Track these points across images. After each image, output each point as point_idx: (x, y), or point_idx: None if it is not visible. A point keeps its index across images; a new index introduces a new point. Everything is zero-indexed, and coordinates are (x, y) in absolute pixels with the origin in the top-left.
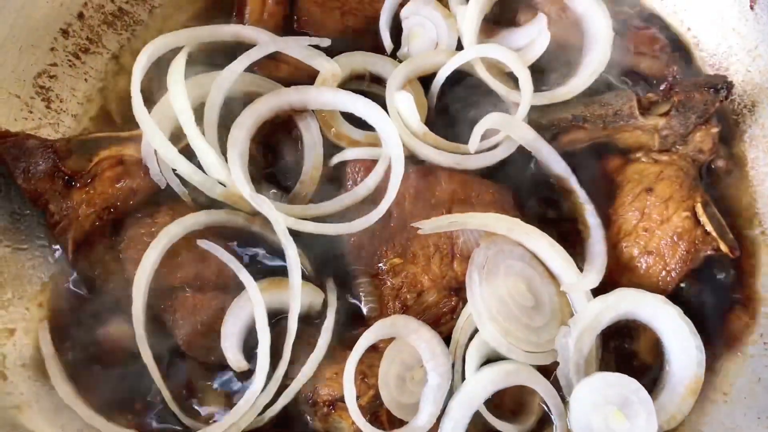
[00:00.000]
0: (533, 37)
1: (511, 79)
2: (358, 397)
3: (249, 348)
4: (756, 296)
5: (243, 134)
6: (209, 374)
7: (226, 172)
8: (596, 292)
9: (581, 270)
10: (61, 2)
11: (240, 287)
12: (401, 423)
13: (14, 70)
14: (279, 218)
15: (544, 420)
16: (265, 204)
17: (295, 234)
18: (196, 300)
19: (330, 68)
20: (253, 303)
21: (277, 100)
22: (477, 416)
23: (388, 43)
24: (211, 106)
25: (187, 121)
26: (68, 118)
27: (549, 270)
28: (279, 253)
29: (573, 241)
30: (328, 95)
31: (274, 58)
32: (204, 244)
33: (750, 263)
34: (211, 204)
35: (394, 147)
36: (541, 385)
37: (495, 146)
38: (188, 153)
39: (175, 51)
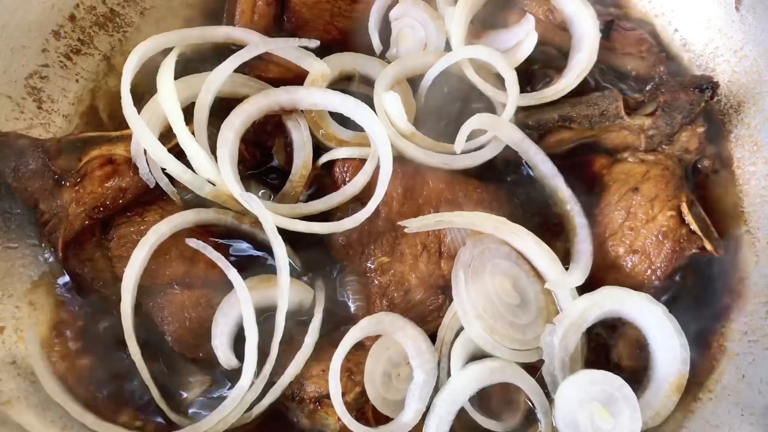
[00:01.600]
0: (521, 38)
1: (500, 80)
2: (344, 394)
3: (238, 345)
4: (740, 294)
5: (232, 134)
6: (197, 371)
7: (216, 172)
8: (582, 290)
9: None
10: (53, 4)
11: (229, 285)
12: (387, 419)
13: (6, 70)
14: (268, 217)
15: (530, 417)
16: (254, 203)
17: (285, 232)
18: (185, 297)
19: (320, 68)
20: (240, 301)
21: (266, 100)
22: (463, 413)
23: (377, 44)
24: (200, 107)
25: (176, 121)
26: (59, 118)
27: (535, 268)
28: (268, 251)
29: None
30: (317, 95)
31: (264, 58)
32: (192, 242)
33: (734, 262)
34: (200, 203)
35: (382, 146)
36: (526, 383)
37: (482, 146)
38: (178, 152)
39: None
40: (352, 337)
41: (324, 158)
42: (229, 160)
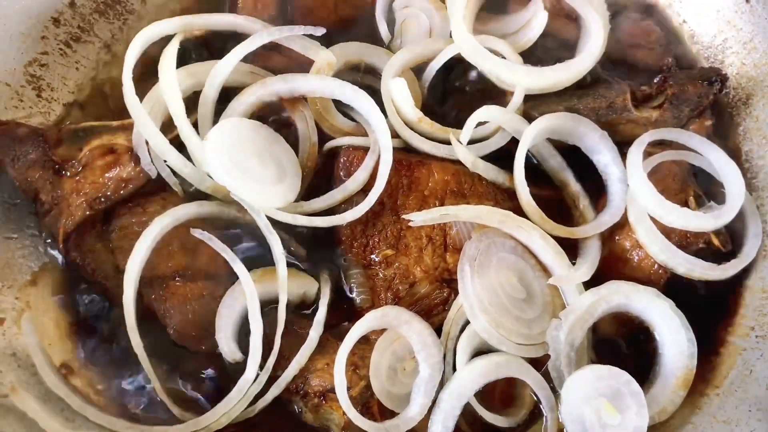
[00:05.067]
0: (528, 19)
1: None
2: (349, 388)
3: (242, 338)
4: (747, 289)
5: None
6: (200, 364)
7: None
8: (589, 284)
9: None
10: None
11: (231, 276)
12: (392, 414)
13: (5, 58)
14: (261, 212)
15: (536, 412)
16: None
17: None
18: (187, 289)
19: (325, 57)
20: (246, 293)
21: (263, 90)
22: (468, 408)
23: (385, 33)
24: (205, 101)
25: (177, 112)
26: (59, 106)
27: (541, 262)
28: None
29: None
30: (314, 82)
31: (268, 48)
32: (198, 233)
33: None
34: (203, 194)
35: (381, 135)
36: (532, 378)
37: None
38: (180, 143)
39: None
40: (357, 330)
41: (329, 144)
42: None
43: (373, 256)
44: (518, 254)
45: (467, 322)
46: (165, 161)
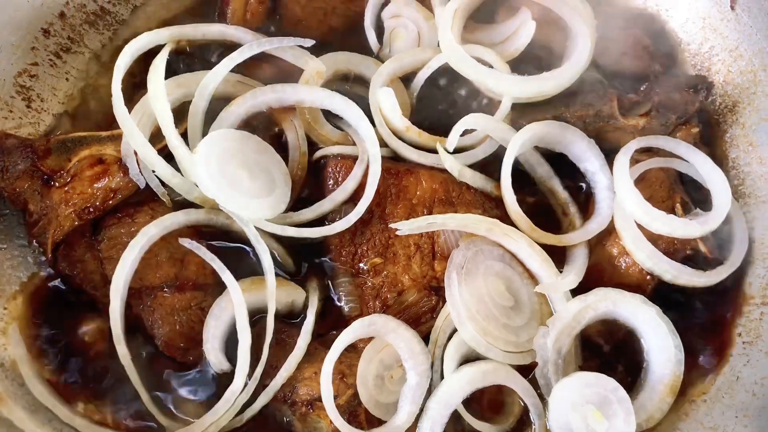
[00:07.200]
0: (516, 29)
1: None
2: (336, 397)
3: (230, 348)
4: (734, 296)
5: None
6: (188, 374)
7: None
8: (576, 291)
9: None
10: (42, 2)
11: (219, 286)
12: (380, 422)
13: None
14: (250, 223)
15: (524, 420)
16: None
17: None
18: (175, 300)
19: (315, 66)
20: (234, 303)
21: (253, 101)
22: (456, 416)
23: (373, 42)
24: (194, 112)
25: (166, 123)
26: (49, 117)
27: (529, 270)
28: None
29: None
30: (304, 92)
31: (257, 58)
32: (186, 242)
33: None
34: (191, 204)
35: (370, 145)
36: (519, 385)
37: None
38: (168, 153)
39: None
40: (344, 339)
41: (318, 153)
42: None
43: (361, 265)
44: (506, 262)
45: (455, 330)
46: (153, 171)
